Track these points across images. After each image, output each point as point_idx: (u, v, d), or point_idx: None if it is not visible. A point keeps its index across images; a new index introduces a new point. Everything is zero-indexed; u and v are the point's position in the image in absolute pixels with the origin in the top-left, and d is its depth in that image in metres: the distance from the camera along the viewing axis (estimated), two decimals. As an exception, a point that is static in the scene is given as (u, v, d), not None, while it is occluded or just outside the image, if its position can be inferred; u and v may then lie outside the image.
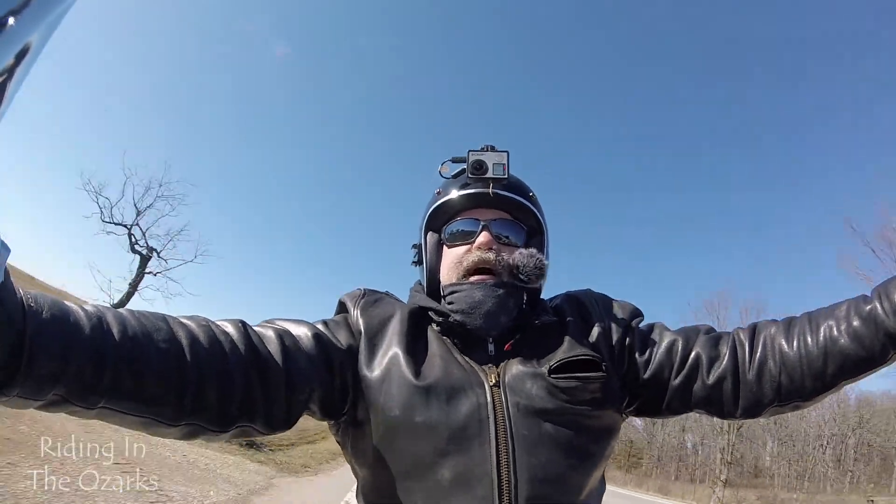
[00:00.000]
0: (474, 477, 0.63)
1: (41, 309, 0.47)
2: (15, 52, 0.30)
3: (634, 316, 0.82)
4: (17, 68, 0.32)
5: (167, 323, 0.57)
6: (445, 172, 0.82)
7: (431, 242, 0.81)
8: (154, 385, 0.53)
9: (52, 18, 0.32)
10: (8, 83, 0.32)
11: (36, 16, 0.30)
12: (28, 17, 0.29)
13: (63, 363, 0.47)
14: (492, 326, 0.73)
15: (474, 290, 0.73)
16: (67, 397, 0.48)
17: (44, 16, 0.31)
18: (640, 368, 0.76)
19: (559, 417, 0.67)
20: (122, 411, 0.53)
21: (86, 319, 0.50)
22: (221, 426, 0.60)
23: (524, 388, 0.68)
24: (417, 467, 0.65)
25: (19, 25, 0.28)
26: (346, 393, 0.71)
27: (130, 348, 0.52)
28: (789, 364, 0.70)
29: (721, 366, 0.73)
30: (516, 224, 0.80)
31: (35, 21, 0.30)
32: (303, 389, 0.66)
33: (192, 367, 0.56)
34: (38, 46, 0.34)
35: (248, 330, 0.65)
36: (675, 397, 0.75)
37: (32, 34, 0.31)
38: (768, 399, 0.71)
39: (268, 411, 0.63)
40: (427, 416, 0.66)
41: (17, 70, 0.32)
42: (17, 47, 0.30)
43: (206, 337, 0.59)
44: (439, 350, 0.73)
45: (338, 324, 0.75)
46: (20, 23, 0.28)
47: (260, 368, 0.62)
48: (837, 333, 0.67)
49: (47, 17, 0.31)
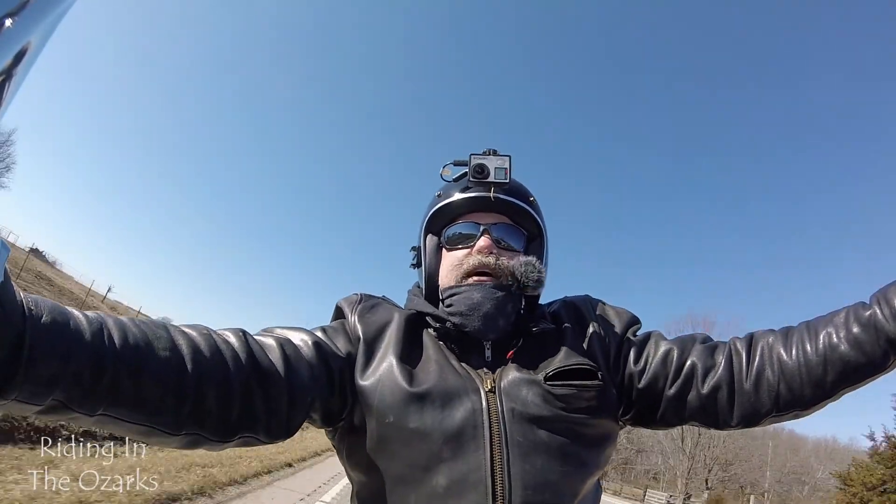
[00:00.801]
0: (469, 483, 0.63)
1: (41, 313, 0.46)
2: (14, 52, 0.30)
3: (632, 324, 0.81)
4: (16, 69, 0.32)
5: (168, 331, 0.57)
6: (447, 175, 0.82)
7: (431, 245, 0.81)
8: (154, 392, 0.52)
9: (51, 19, 0.33)
10: (7, 84, 0.32)
11: (35, 17, 0.30)
12: (26, 18, 0.29)
13: (63, 368, 0.46)
14: (490, 329, 0.72)
15: (473, 292, 0.73)
16: (67, 403, 0.48)
17: (43, 17, 0.31)
18: (635, 378, 0.76)
19: (554, 425, 0.67)
20: (122, 419, 0.52)
21: (86, 325, 0.49)
22: (222, 436, 0.60)
23: (520, 395, 0.68)
24: (412, 473, 0.65)
25: (17, 26, 0.28)
26: (345, 400, 0.71)
27: (131, 355, 0.51)
28: (788, 373, 0.69)
29: (716, 375, 0.72)
30: (516, 228, 0.80)
31: (34, 22, 0.30)
32: (304, 398, 0.66)
33: (193, 376, 0.56)
34: (38, 47, 0.34)
35: (249, 339, 0.64)
36: (670, 407, 0.75)
37: (32, 35, 0.31)
38: (766, 409, 0.70)
39: (269, 421, 0.63)
40: (422, 423, 0.65)
41: (17, 70, 0.32)
42: (15, 48, 0.30)
43: (207, 346, 0.59)
44: (435, 355, 0.73)
45: (336, 330, 0.75)
46: (18, 24, 0.28)
47: (261, 378, 0.62)
48: (837, 340, 0.67)
49: (46, 18, 0.32)
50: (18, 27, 0.28)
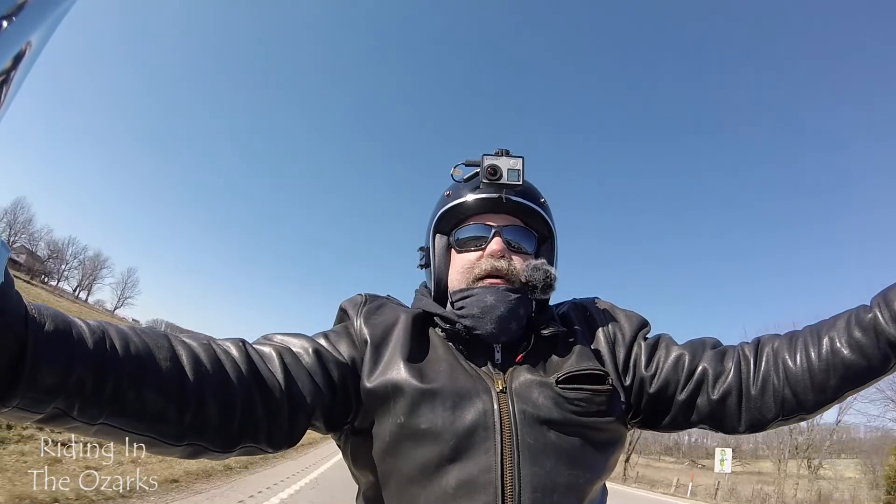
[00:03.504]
0: (479, 484, 0.63)
1: (44, 320, 0.46)
2: (12, 54, 0.30)
3: (641, 327, 0.81)
4: (15, 70, 0.32)
5: (169, 341, 0.57)
6: (458, 176, 0.81)
7: (440, 246, 0.81)
8: (155, 402, 0.52)
9: (50, 21, 0.32)
10: (6, 85, 0.32)
11: (33, 18, 0.30)
12: (24, 19, 0.29)
13: (65, 376, 0.46)
14: (502, 332, 0.72)
15: (486, 295, 0.72)
16: (68, 411, 0.47)
17: (42, 18, 0.31)
18: (646, 382, 0.76)
19: (565, 427, 0.67)
20: (123, 428, 0.52)
21: (89, 333, 0.49)
22: (224, 446, 0.59)
23: (531, 397, 0.68)
24: (423, 473, 0.65)
25: (15, 28, 0.28)
26: (350, 404, 0.70)
27: (133, 364, 0.51)
28: (792, 378, 0.69)
29: (726, 381, 0.73)
30: (528, 231, 0.80)
31: (33, 23, 0.30)
32: (305, 407, 0.65)
33: (194, 386, 0.55)
34: (38, 48, 0.34)
35: (249, 349, 0.64)
36: (680, 412, 0.75)
37: (30, 36, 0.31)
38: (772, 414, 0.71)
39: (271, 430, 0.63)
40: (432, 423, 0.65)
41: (16, 72, 0.32)
42: (14, 49, 0.30)
43: (208, 356, 0.59)
44: (445, 356, 0.73)
45: (339, 334, 0.75)
46: (16, 25, 0.28)
47: (261, 388, 0.62)
48: (839, 345, 0.67)
49: (45, 19, 0.31)
50: (16, 28, 0.28)
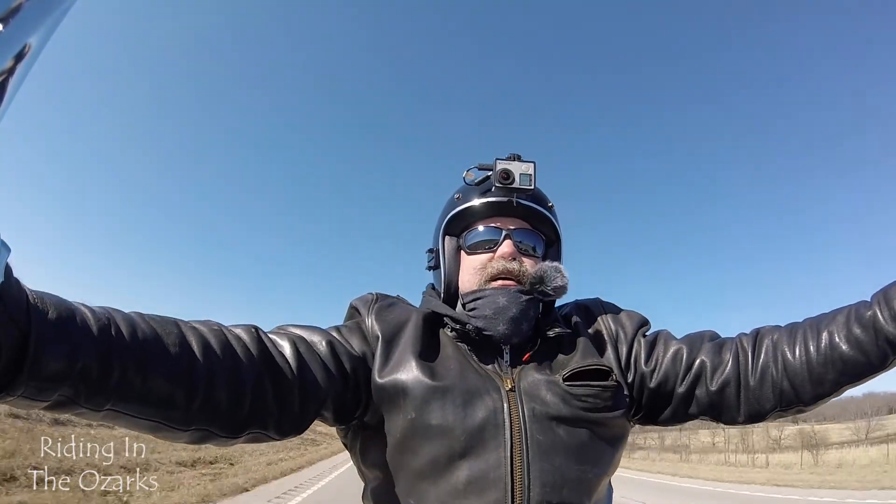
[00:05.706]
0: (489, 480, 0.64)
1: (47, 309, 0.46)
2: (12, 54, 0.30)
3: (641, 325, 0.83)
4: (15, 70, 0.32)
5: (178, 327, 0.56)
6: (469, 179, 0.82)
7: (450, 248, 0.82)
8: (163, 388, 0.52)
9: (51, 21, 0.32)
10: (6, 85, 0.32)
11: (33, 18, 0.30)
12: (23, 20, 0.29)
13: (69, 364, 0.45)
14: (514, 333, 0.73)
15: (498, 296, 0.74)
16: (74, 398, 0.47)
17: (42, 18, 0.31)
18: (646, 377, 0.77)
19: (573, 424, 0.68)
20: (130, 414, 0.52)
21: (94, 320, 0.49)
22: (232, 432, 0.60)
23: (539, 395, 0.69)
24: (434, 469, 0.66)
25: (14, 28, 0.28)
26: (360, 398, 0.71)
27: (139, 351, 0.51)
28: (791, 370, 0.71)
29: (724, 372, 0.74)
30: (537, 234, 0.81)
31: (32, 24, 0.30)
32: (316, 396, 0.66)
33: (203, 372, 0.55)
34: (38, 48, 0.34)
35: (262, 336, 0.65)
36: (681, 405, 0.77)
37: (30, 36, 0.31)
38: (771, 405, 0.73)
39: (280, 418, 0.63)
40: (443, 419, 0.66)
41: (16, 72, 0.32)
42: (14, 49, 0.30)
43: (218, 342, 0.58)
44: (455, 355, 0.74)
45: (351, 330, 0.76)
46: (15, 26, 0.28)
47: (272, 375, 0.62)
48: (838, 340, 0.68)
49: (45, 19, 0.32)
50: (15, 29, 0.28)
